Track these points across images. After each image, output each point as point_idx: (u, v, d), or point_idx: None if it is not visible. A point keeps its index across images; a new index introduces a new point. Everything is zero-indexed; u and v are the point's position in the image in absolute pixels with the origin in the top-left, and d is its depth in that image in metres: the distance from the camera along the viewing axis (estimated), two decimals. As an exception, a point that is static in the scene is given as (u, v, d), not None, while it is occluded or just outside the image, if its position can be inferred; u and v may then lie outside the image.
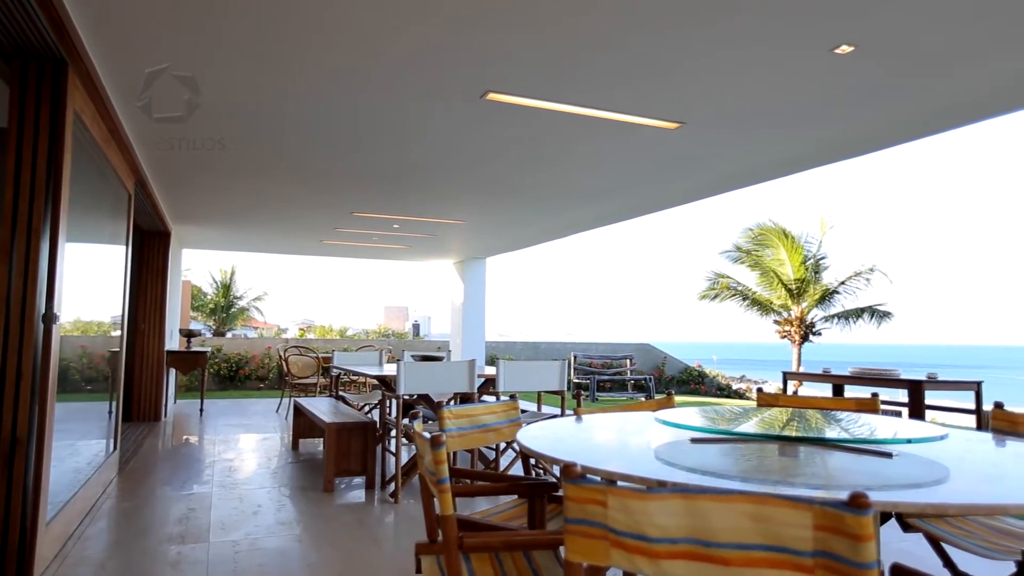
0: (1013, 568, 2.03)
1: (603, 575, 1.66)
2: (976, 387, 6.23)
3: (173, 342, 9.45)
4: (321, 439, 6.40)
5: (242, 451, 6.25)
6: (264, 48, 3.27)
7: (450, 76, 3.62)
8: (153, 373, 8.11)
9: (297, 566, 3.23)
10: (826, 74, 3.49)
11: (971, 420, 6.36)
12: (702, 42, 3.15)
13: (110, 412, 5.23)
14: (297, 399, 6.44)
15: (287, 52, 3.31)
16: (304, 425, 6.41)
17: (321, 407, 5.72)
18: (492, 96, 3.89)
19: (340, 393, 7.36)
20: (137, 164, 5.21)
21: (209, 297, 20.88)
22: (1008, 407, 2.50)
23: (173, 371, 9.54)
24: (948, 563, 2.48)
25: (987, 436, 2.24)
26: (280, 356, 9.40)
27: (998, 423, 2.47)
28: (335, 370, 7.01)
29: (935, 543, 2.43)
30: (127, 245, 5.54)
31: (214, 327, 20.49)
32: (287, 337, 17.51)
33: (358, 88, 3.81)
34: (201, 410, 9.03)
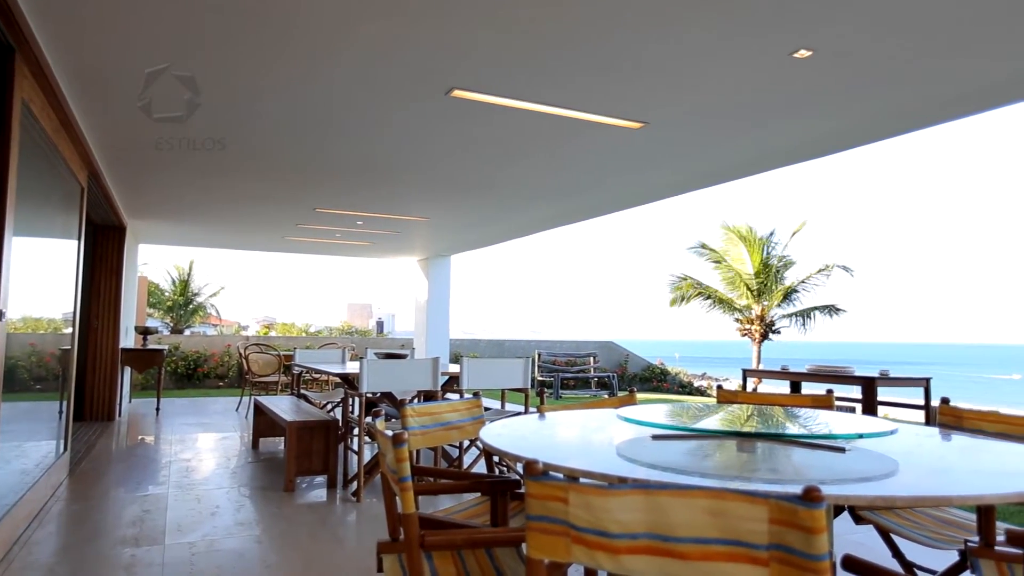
0: (957, 557, 2.11)
1: (564, 571, 1.67)
2: (925, 383, 6.44)
3: (128, 340, 9.19)
4: (282, 438, 6.30)
5: (200, 451, 6.12)
6: (225, 41, 3.20)
7: (415, 73, 3.59)
8: (107, 371, 7.88)
9: (256, 567, 3.17)
10: (785, 78, 3.57)
11: (920, 415, 6.57)
12: (665, 44, 3.19)
13: (61, 412, 5.07)
14: (258, 397, 6.33)
15: (249, 45, 3.25)
16: (265, 424, 6.30)
17: (282, 405, 5.63)
18: (457, 93, 3.87)
19: (302, 391, 7.26)
20: (90, 156, 5.05)
21: (167, 294, 20.38)
22: (954, 403, 2.59)
23: (128, 369, 9.28)
24: (897, 553, 2.56)
25: (934, 431, 2.32)
26: (240, 354, 9.23)
27: (945, 418, 2.56)
28: (297, 368, 6.91)
29: (885, 534, 2.51)
30: (79, 239, 5.38)
31: (172, 324, 20.00)
32: (248, 334, 17.19)
33: (320, 83, 3.75)
34: (157, 409, 8.81)
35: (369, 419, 3.59)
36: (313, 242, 10.49)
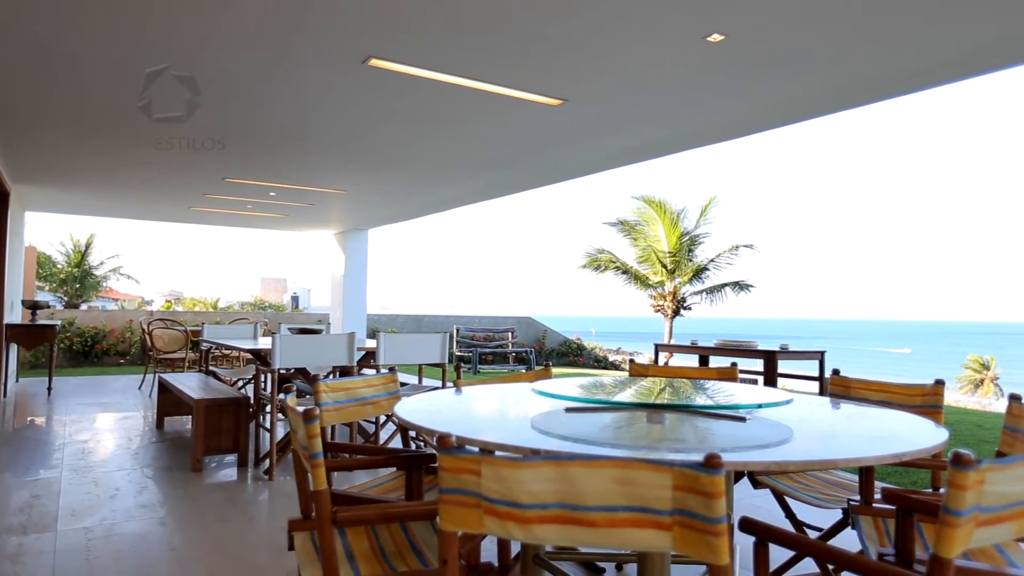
0: (841, 515, 2.28)
1: (477, 543, 1.70)
2: (820, 356, 6.88)
3: (15, 315, 8.54)
4: (189, 417, 6.05)
5: (98, 431, 5.79)
6: (119, -9, 2.97)
7: (329, 37, 3.46)
8: (-10, 349, 7.30)
9: (160, 550, 3.05)
10: (699, 61, 3.67)
11: (815, 386, 7.02)
12: (583, 22, 3.20)
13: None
14: (162, 375, 6.03)
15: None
16: (170, 402, 6.03)
17: (189, 383, 5.40)
18: (375, 62, 3.76)
19: (211, 368, 6.98)
20: (-34, 113, 4.61)
21: (60, 266, 19.03)
22: (844, 373, 2.78)
23: (15, 347, 8.63)
24: (789, 514, 2.74)
25: (825, 400, 2.48)
26: (143, 329, 8.75)
27: (835, 388, 2.75)
28: (205, 344, 6.63)
29: (780, 497, 2.68)
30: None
31: (66, 299, 18.72)
32: (152, 309, 16.31)
33: (224, 42, 3.55)
34: (49, 389, 8.26)
35: (282, 396, 3.49)
36: (223, 213, 10.02)
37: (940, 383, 2.48)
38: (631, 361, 3.35)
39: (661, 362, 8.78)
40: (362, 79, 4.07)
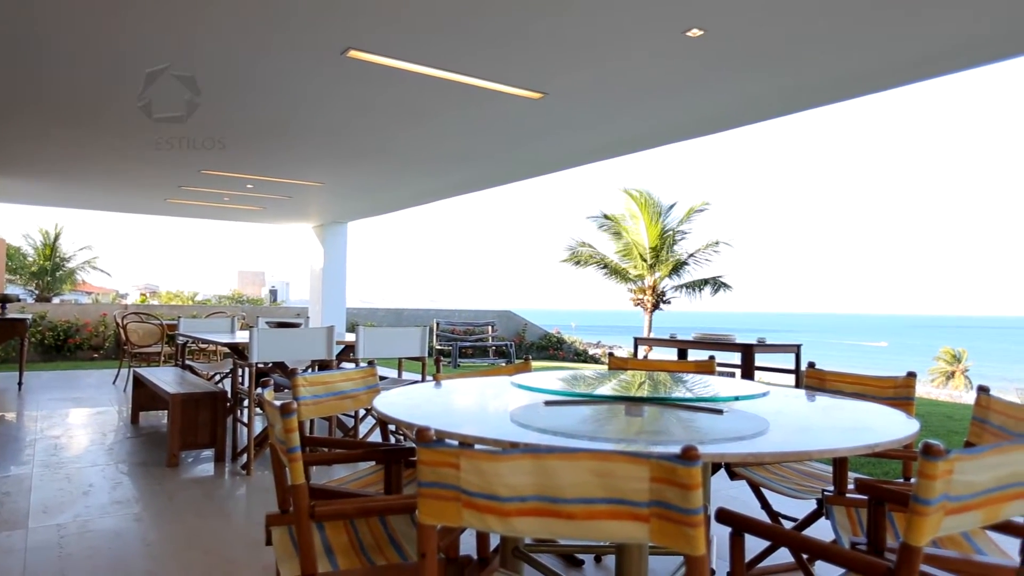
0: (815, 505, 2.32)
1: (457, 536, 1.70)
2: (796, 349, 6.97)
3: (-16, 308, 8.34)
4: (165, 411, 5.98)
5: (71, 427, 5.69)
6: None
7: (307, 28, 3.42)
8: (-41, 343, 7.14)
9: (135, 546, 3.01)
10: (679, 55, 3.68)
11: (791, 379, 7.12)
12: (563, 15, 3.20)
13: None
14: (137, 369, 5.95)
15: (119, -15, 2.97)
16: (145, 397, 5.94)
17: (165, 377, 5.33)
18: (354, 54, 3.73)
19: (187, 362, 6.89)
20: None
21: (30, 259, 18.65)
22: (820, 366, 2.82)
23: (-15, 340, 8.43)
24: (765, 505, 2.78)
25: (801, 392, 2.52)
26: (118, 323, 8.61)
27: (810, 380, 2.79)
28: (181, 338, 6.54)
29: (756, 488, 2.71)
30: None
31: (37, 292, 18.36)
32: (126, 303, 16.06)
33: (201, 30, 3.50)
34: (20, 384, 8.09)
35: (259, 390, 3.46)
36: (199, 205, 9.88)
37: (912, 375, 2.53)
38: (610, 354, 3.37)
39: (640, 355, 8.84)
40: (341, 71, 4.03)
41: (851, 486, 2.19)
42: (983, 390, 2.13)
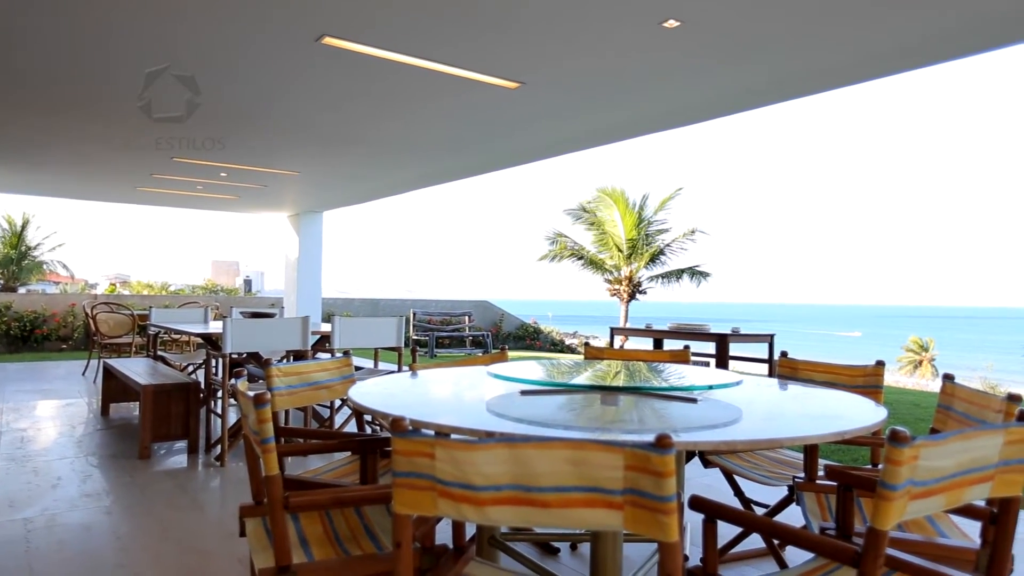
0: (786, 491, 2.36)
1: (432, 525, 1.70)
2: (769, 339, 7.07)
3: (-53, 298, 8.13)
4: (136, 403, 5.89)
5: (39, 419, 5.58)
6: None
7: (281, 13, 3.36)
8: (-80, 334, 6.94)
9: (105, 539, 2.97)
10: (655, 46, 3.69)
11: (764, 368, 7.22)
12: (539, 3, 3.18)
13: None
14: (108, 360, 5.84)
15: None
16: (116, 388, 5.85)
17: (136, 368, 5.24)
18: (329, 40, 3.68)
19: (160, 353, 6.78)
20: None
21: (-6, 247, 18.17)
22: (792, 356, 2.87)
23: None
24: (738, 492, 2.82)
25: (773, 381, 2.55)
26: (87, 314, 8.44)
27: (783, 369, 2.83)
28: (153, 328, 6.44)
29: (729, 476, 2.75)
30: None
31: (3, 281, 17.92)
32: (97, 292, 15.75)
33: (169, 13, 3.42)
34: (-14, 375, 7.92)
35: (233, 381, 3.42)
36: (171, 194, 9.69)
37: (881, 364, 2.57)
38: (586, 344, 3.38)
39: (616, 345, 8.90)
40: (316, 58, 3.98)
41: (821, 473, 2.23)
42: (948, 378, 2.18)
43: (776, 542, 2.44)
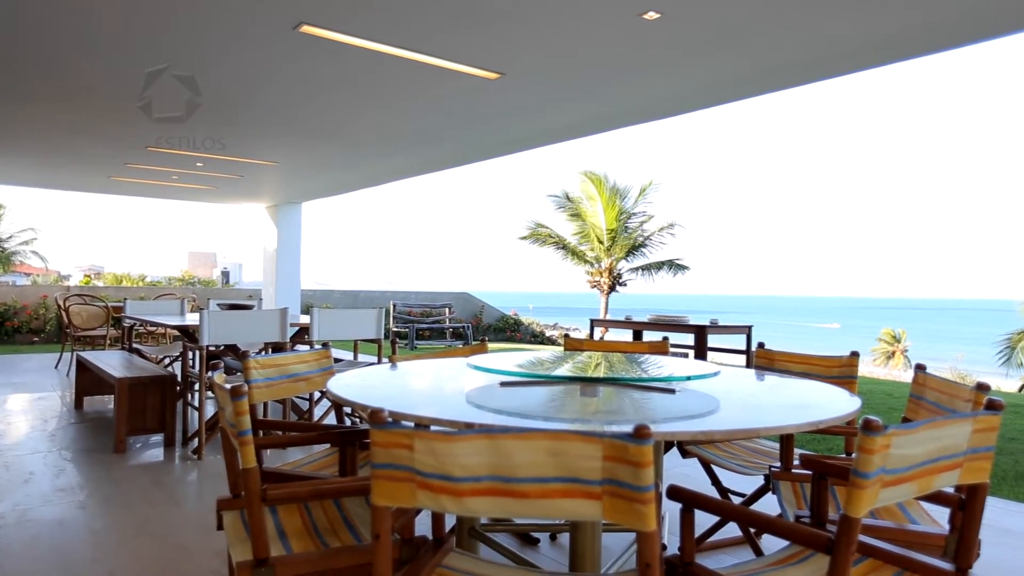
0: (763, 481, 2.39)
1: (411, 517, 1.70)
2: (747, 331, 7.15)
3: (-87, 289, 7.94)
4: (111, 396, 5.80)
5: (9, 413, 5.48)
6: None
7: (258, 1, 3.31)
8: None
9: (80, 534, 2.93)
10: (635, 37, 3.69)
11: (742, 359, 7.30)
12: (523, -7, 3.17)
13: None
14: (81, 353, 5.75)
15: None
16: (90, 381, 5.76)
17: (111, 361, 5.16)
18: (307, 29, 3.63)
19: (135, 345, 6.69)
20: None
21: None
22: (769, 347, 2.90)
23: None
24: (715, 481, 2.86)
25: (751, 372, 2.58)
26: (59, 305, 8.29)
27: (760, 360, 2.86)
28: (128, 320, 6.34)
29: (706, 465, 2.79)
30: None
31: (-29, 273, 17.52)
32: (69, 284, 15.46)
33: (145, 2, 3.35)
34: (-45, 368, 7.75)
35: (210, 373, 3.37)
36: (146, 184, 9.53)
37: (855, 355, 2.61)
38: (566, 336, 3.39)
39: (596, 336, 8.93)
40: (293, 46, 3.93)
41: (797, 462, 2.26)
42: (920, 368, 2.22)
43: (752, 530, 2.47)
